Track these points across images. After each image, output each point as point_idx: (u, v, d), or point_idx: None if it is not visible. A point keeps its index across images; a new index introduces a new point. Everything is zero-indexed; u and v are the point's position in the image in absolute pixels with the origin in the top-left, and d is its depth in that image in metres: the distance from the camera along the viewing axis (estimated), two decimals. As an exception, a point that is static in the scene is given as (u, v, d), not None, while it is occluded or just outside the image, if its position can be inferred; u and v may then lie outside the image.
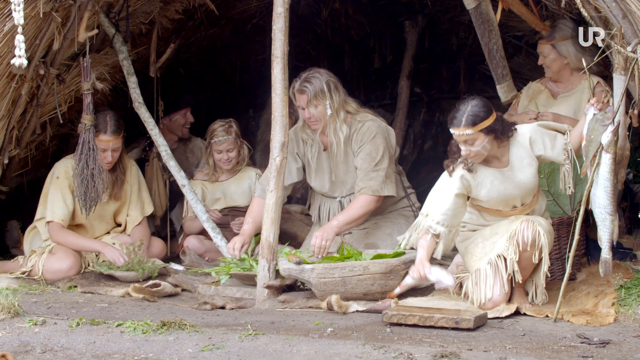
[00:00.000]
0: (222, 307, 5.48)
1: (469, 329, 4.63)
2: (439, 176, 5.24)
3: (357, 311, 5.13)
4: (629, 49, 4.97)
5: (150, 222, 6.96)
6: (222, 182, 6.95)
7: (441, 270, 5.05)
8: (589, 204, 4.94)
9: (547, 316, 4.94)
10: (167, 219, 7.23)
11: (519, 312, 5.03)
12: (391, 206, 6.23)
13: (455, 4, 7.56)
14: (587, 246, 5.89)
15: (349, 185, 6.12)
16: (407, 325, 4.72)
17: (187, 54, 8.20)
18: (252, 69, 8.96)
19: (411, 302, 5.14)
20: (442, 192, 5.12)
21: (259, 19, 8.14)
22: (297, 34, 7.25)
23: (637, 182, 7.42)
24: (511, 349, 4.29)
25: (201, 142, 7.40)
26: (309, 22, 8.72)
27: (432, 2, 8.12)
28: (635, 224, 6.55)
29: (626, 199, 6.72)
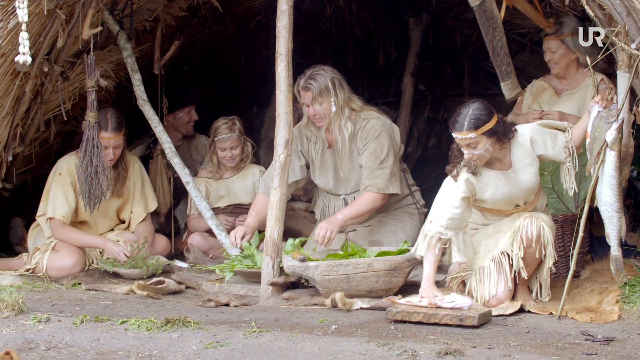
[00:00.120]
0: (226, 305, 5.47)
1: (473, 326, 4.63)
2: (443, 173, 5.23)
3: (361, 308, 5.12)
4: (633, 46, 4.96)
5: (154, 219, 6.96)
6: (226, 180, 6.95)
7: (455, 295, 4.98)
8: (594, 202, 4.93)
9: (551, 313, 4.94)
10: (171, 216, 7.22)
11: (523, 310, 5.03)
12: (395, 204, 6.22)
13: (459, 2, 7.56)
14: (591, 243, 5.88)
15: (353, 182, 6.11)
16: (411, 322, 4.72)
17: (192, 51, 8.19)
18: (256, 66, 8.94)
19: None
20: (448, 197, 5.08)
21: (263, 17, 8.14)
22: (301, 32, 7.25)
23: (641, 179, 7.41)
24: (515, 346, 4.29)
25: (205, 139, 7.39)
26: (313, 19, 8.72)
27: (437, -1, 8.14)
28: (639, 221, 6.54)
29: (630, 197, 6.71)
